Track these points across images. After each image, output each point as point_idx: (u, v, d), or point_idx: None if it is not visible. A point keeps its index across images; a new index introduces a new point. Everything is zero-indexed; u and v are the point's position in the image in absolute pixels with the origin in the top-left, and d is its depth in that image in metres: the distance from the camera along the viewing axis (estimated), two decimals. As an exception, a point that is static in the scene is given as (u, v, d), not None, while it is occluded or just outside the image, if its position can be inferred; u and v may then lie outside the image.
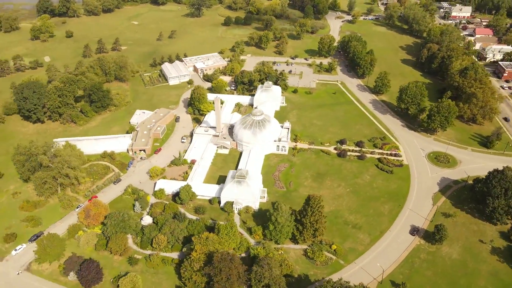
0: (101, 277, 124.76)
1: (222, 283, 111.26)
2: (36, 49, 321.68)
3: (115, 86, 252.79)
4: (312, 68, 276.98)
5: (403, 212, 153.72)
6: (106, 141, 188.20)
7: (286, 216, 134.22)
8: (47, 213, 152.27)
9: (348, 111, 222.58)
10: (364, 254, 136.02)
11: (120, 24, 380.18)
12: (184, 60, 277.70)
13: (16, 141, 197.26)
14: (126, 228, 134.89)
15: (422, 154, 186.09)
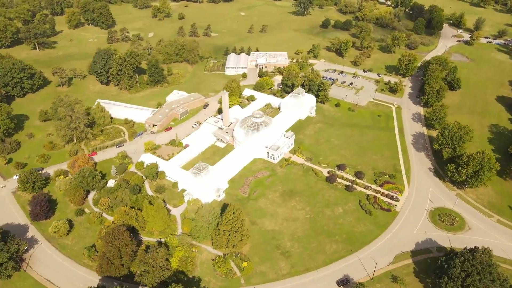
0: (49, 216, 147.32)
1: (110, 253, 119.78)
2: (151, 25, 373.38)
3: (181, 66, 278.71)
4: (377, 85, 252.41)
5: (349, 258, 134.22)
6: (132, 110, 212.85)
7: (206, 217, 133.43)
8: (57, 156, 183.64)
9: (378, 138, 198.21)
10: (270, 283, 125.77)
11: (229, 14, 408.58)
12: (251, 54, 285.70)
13: (83, 94, 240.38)
14: (83, 183, 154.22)
15: (426, 207, 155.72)
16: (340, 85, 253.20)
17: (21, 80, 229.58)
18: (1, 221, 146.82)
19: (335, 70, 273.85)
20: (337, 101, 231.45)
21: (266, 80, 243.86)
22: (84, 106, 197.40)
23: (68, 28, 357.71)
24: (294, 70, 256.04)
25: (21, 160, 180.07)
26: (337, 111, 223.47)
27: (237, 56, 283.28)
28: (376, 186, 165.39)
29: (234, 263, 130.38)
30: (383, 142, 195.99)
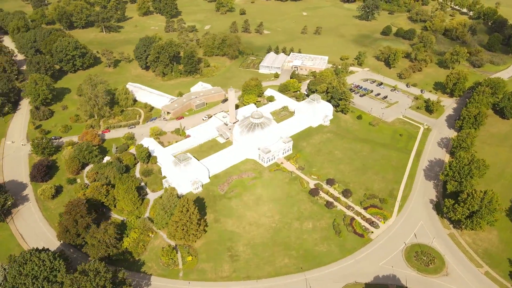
0: (46, 179, 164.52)
1: (67, 221, 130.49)
2: (212, 18, 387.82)
3: (221, 60, 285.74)
4: (415, 101, 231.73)
5: (296, 276, 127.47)
6: (154, 96, 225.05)
7: (164, 206, 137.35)
8: (78, 128, 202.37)
9: (388, 158, 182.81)
10: (205, 282, 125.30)
11: (291, 13, 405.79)
12: (290, 55, 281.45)
13: (123, 76, 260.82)
14: (80, 156, 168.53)
15: (407, 240, 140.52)
16: (373, 97, 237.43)
17: (74, 58, 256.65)
18: (10, 176, 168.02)
19: (375, 81, 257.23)
20: (361, 113, 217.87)
21: (292, 83, 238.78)
22: (108, 87, 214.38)
23: (138, 15, 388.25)
24: (327, 75, 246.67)
25: (48, 127, 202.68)
26: (356, 123, 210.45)
27: (276, 55, 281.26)
28: (360, 208, 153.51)
29: (181, 255, 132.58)
30: (391, 163, 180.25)
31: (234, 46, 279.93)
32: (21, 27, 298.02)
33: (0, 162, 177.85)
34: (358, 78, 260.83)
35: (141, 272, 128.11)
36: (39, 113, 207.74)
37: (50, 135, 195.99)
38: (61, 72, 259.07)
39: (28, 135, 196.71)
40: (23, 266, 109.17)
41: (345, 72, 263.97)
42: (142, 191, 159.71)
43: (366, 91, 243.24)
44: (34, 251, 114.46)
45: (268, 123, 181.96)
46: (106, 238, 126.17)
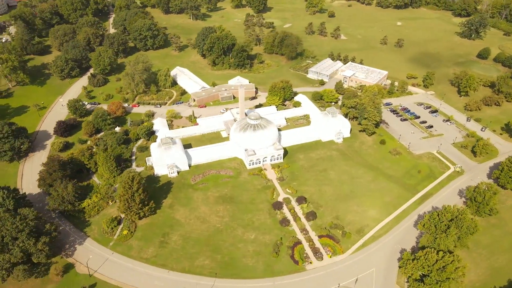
0: (65, 135, 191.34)
1: (43, 173, 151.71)
2: (297, 17, 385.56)
3: (278, 58, 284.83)
4: (465, 139, 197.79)
5: (207, 279, 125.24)
6: (191, 82, 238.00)
7: (123, 181, 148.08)
8: (117, 99, 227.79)
9: (386, 193, 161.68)
10: (125, 258, 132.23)
11: (385, 21, 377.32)
12: (348, 64, 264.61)
13: (182, 61, 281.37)
14: (95, 121, 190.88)
15: (343, 283, 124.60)
16: (416, 123, 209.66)
17: (146, 38, 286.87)
18: (45, 126, 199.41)
19: (430, 107, 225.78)
20: (388, 138, 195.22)
21: (327, 92, 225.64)
22: (150, 66, 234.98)
23: (230, 7, 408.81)
24: (370, 91, 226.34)
25: (96, 93, 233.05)
26: (374, 148, 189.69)
27: (332, 62, 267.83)
28: (315, 235, 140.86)
29: (121, 228, 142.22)
30: (386, 198, 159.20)
31: (291, 47, 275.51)
32: (122, 7, 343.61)
33: (46, 115, 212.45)
34: (413, 101, 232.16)
35: (82, 232, 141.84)
36: (94, 80, 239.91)
37: (94, 100, 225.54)
38: (134, 49, 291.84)
39: (80, 97, 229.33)
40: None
41: (400, 91, 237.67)
42: (128, 163, 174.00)
43: (411, 115, 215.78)
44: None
45: (265, 126, 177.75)
46: (64, 194, 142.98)
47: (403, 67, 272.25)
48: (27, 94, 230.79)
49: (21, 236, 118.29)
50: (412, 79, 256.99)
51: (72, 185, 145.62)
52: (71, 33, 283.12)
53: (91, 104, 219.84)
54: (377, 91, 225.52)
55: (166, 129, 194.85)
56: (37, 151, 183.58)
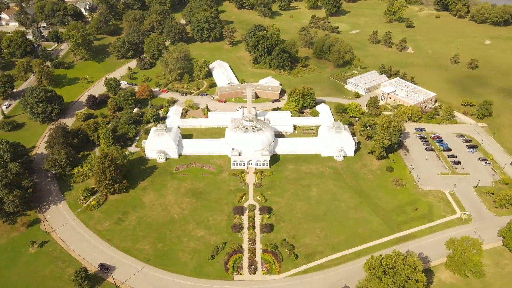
0: (93, 108, 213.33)
1: (50, 136, 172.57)
2: (371, 24, 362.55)
3: (324, 64, 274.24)
4: (494, 184, 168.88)
5: (136, 262, 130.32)
6: (223, 76, 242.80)
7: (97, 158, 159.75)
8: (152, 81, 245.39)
9: (363, 224, 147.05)
10: (82, 229, 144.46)
11: (472, 37, 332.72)
12: (395, 80, 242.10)
13: (230, 55, 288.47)
14: (118, 99, 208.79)
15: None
16: (442, 156, 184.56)
17: (203, 30, 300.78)
18: (83, 98, 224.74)
19: (470, 141, 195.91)
20: (399, 167, 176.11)
21: (352, 106, 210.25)
22: (187, 55, 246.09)
23: (305, 7, 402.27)
24: (404, 112, 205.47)
25: (138, 76, 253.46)
26: (375, 174, 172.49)
27: (377, 75, 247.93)
28: (260, 248, 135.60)
29: (93, 199, 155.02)
30: (358, 229, 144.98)
31: (337, 54, 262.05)
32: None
33: (90, 88, 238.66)
34: (454, 131, 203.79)
35: (62, 194, 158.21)
36: (141, 63, 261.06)
37: (133, 81, 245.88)
38: (191, 39, 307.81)
39: (124, 78, 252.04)
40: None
41: (444, 117, 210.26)
42: (130, 142, 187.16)
43: (441, 146, 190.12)
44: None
45: (258, 129, 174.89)
46: (57, 158, 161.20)
47: (463, 92, 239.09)
48: (84, 68, 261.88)
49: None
50: (467, 106, 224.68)
51: (65, 151, 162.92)
52: (140, 19, 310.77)
53: (129, 84, 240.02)
54: (409, 113, 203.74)
55: (177, 117, 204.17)
56: (67, 118, 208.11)
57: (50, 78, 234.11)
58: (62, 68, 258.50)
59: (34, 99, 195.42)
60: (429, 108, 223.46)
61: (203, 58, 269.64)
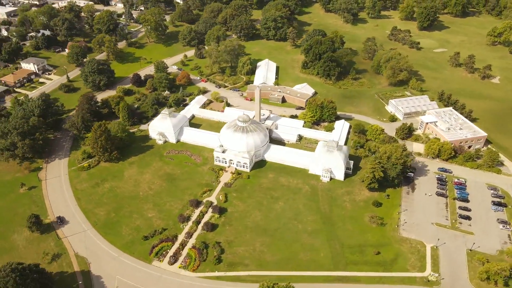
0: (136, 86, 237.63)
1: (80, 100, 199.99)
2: (465, 45, 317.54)
3: (379, 79, 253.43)
4: (498, 253, 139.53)
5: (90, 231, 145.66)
6: (261, 75, 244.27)
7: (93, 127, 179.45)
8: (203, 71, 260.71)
9: (308, 252, 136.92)
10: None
11: None
12: (442, 109, 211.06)
13: (288, 54, 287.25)
14: (154, 81, 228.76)
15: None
16: (452, 206, 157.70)
17: (269, 28, 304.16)
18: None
19: (503, 197, 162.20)
20: (389, 204, 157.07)
21: (372, 129, 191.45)
22: (234, 50, 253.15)
23: (398, 18, 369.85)
24: (432, 147, 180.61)
25: (191, 63, 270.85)
26: (356, 204, 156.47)
27: (427, 101, 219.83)
28: (192, 243, 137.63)
29: (87, 162, 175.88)
30: (298, 255, 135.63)
31: (390, 71, 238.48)
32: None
33: (145, 68, 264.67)
34: (488, 180, 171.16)
35: (70, 152, 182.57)
36: (197, 52, 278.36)
37: (183, 67, 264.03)
38: (257, 36, 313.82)
39: (177, 62, 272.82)
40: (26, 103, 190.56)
41: (484, 163, 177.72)
42: (144, 120, 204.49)
43: (459, 194, 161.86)
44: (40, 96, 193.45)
45: (248, 132, 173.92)
46: (75, 120, 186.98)
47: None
48: (151, 50, 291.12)
49: (14, 131, 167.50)
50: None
51: (82, 116, 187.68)
52: (217, 11, 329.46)
53: (178, 70, 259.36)
54: (436, 149, 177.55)
55: (197, 106, 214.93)
56: (112, 89, 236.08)
57: (116, 53, 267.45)
58: (133, 47, 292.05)
59: (89, 69, 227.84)
60: (473, 149, 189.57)
61: (261, 56, 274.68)
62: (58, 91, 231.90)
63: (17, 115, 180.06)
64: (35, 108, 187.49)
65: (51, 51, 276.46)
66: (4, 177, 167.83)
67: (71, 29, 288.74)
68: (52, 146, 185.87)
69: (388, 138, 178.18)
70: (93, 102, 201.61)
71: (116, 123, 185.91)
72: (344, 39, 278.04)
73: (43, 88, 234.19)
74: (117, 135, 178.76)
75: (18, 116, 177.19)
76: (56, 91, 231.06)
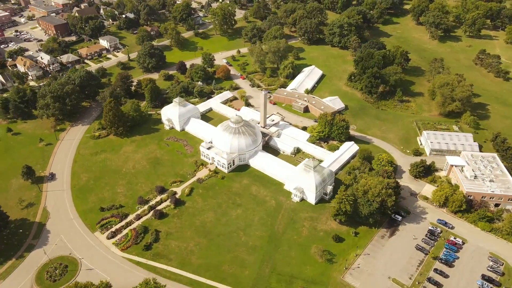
0: (180, 72, 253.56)
1: (118, 76, 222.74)
2: None
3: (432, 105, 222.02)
4: None
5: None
6: (296, 82, 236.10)
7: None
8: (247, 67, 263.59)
9: (229, 276, 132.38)
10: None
11: None
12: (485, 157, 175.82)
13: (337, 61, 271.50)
14: (191, 71, 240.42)
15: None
16: (427, 265, 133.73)
17: (334, 34, 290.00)
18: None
19: (500, 265, 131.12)
20: (352, 243, 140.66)
21: (380, 159, 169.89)
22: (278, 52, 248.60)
23: (503, 40, 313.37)
24: (439, 196, 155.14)
25: (241, 59, 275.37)
26: (312, 233, 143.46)
27: (468, 140, 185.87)
28: (134, 219, 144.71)
29: (99, 132, 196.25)
30: (223, 266, 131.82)
31: (441, 99, 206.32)
32: (369, 3, 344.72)
33: (198, 59, 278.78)
34: (496, 249, 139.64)
35: (93, 121, 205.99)
36: (251, 48, 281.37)
37: (231, 62, 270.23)
38: (321, 41, 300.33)
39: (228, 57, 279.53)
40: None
41: (503, 227, 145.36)
42: (166, 105, 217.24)
43: (445, 255, 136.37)
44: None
45: (237, 133, 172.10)
46: (106, 94, 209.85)
47: None
48: (214, 42, 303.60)
49: (49, 94, 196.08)
50: None
51: (112, 91, 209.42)
52: (290, 11, 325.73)
53: (227, 63, 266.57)
54: (442, 197, 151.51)
55: (219, 100, 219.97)
56: (157, 72, 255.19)
57: (178, 41, 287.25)
58: (199, 37, 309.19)
59: (142, 51, 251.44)
60: (504, 209, 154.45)
61: (316, 62, 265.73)
62: (116, 67, 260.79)
63: (60, 81, 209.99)
64: (77, 78, 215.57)
65: (129, 32, 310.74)
66: (36, 131, 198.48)
67: (151, 14, 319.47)
68: (83, 113, 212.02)
69: (383, 172, 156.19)
70: (129, 81, 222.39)
71: (131, 102, 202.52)
72: (420, 55, 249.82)
73: (106, 63, 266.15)
74: (129, 114, 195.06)
75: (58, 82, 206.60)
76: (114, 67, 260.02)
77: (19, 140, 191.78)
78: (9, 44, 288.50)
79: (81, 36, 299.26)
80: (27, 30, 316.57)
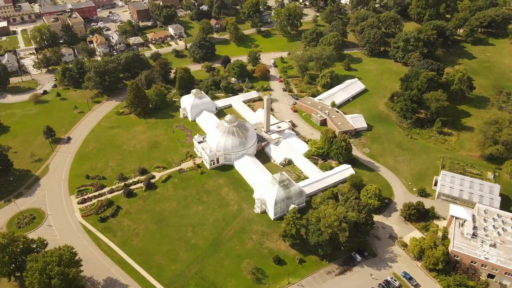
0: (222, 65, 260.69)
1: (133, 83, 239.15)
2: None
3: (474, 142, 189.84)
4: None
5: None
6: (328, 93, 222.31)
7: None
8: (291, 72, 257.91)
9: (158, 269, 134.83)
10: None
11: None
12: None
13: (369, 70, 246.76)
14: (229, 67, 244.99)
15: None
16: None
17: (398, 48, 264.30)
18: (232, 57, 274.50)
19: None
20: (291, 269, 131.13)
21: (370, 190, 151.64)
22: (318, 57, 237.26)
23: None
24: (417, 247, 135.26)
25: (289, 61, 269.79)
26: (256, 249, 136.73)
27: (491, 195, 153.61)
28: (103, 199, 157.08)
29: (123, 110, 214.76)
30: (157, 258, 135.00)
31: (482, 139, 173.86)
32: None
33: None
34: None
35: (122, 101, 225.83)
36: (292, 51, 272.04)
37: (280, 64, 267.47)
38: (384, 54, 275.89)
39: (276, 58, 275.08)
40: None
41: None
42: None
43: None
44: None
45: (227, 133, 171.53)
46: (141, 77, 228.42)
47: None
48: (272, 41, 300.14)
49: (92, 69, 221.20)
50: None
51: (147, 75, 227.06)
52: (362, 18, 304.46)
53: (273, 64, 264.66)
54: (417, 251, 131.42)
55: (241, 98, 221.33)
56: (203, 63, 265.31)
57: (235, 36, 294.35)
58: (260, 35, 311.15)
59: (194, 42, 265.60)
60: (499, 283, 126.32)
61: (366, 75, 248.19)
62: (170, 54, 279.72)
63: (108, 59, 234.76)
64: (123, 59, 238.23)
65: (198, 24, 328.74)
66: (78, 99, 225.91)
67: (222, 7, 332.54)
68: (122, 90, 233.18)
69: (355, 203, 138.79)
70: (167, 67, 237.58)
71: (155, 86, 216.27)
72: (498, 85, 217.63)
73: (165, 49, 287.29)
74: (151, 97, 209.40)
75: (104, 59, 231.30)
76: (169, 54, 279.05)
77: (62, 105, 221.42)
78: (98, 23, 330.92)
79: (156, 22, 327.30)
80: (119, 13, 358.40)
